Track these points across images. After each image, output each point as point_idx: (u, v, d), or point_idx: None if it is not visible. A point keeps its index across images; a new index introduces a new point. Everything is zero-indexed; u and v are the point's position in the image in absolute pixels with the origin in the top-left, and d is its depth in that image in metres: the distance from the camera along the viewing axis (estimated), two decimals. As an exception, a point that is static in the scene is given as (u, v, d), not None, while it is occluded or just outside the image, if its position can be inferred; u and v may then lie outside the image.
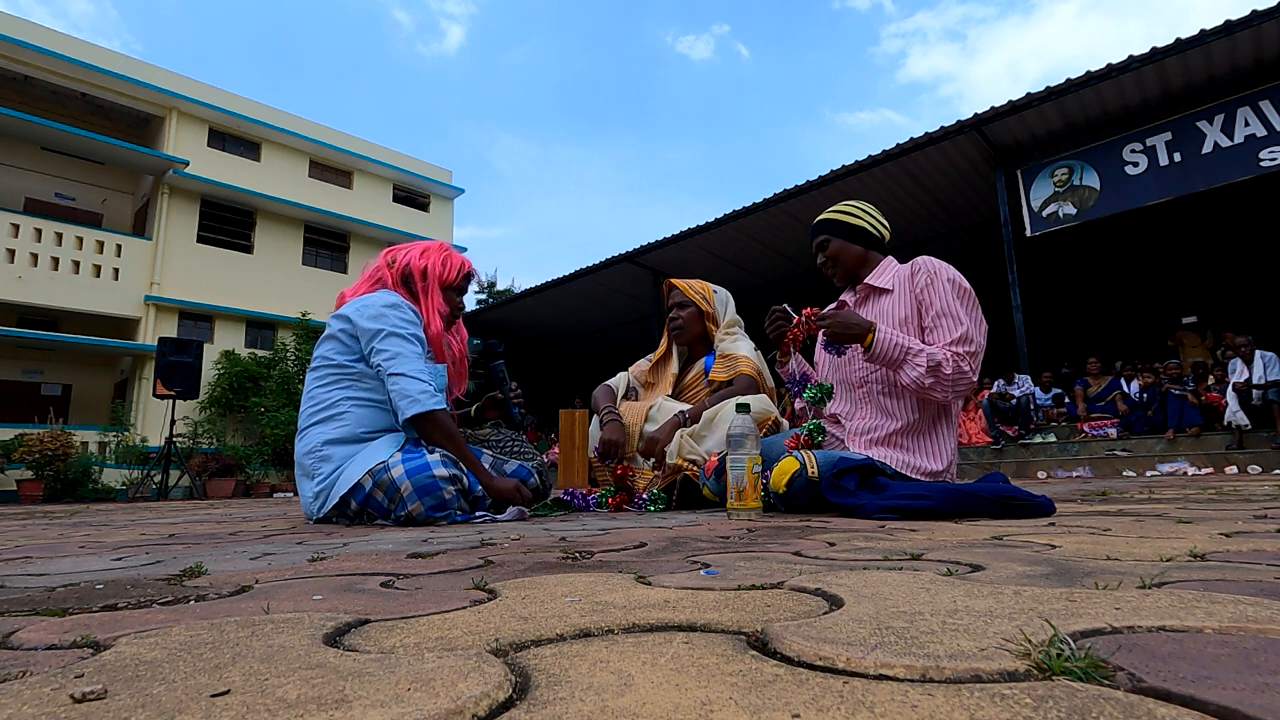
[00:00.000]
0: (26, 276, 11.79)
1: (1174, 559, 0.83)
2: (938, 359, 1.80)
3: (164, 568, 1.01)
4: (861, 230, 2.10)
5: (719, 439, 2.30)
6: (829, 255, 2.12)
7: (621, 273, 11.45)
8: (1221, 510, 1.60)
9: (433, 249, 2.23)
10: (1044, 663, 0.39)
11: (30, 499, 8.73)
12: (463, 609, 0.63)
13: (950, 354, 1.81)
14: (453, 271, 2.20)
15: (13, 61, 12.29)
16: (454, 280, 2.20)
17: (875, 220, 2.13)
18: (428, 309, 2.13)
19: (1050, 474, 6.58)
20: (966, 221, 9.71)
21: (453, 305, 2.23)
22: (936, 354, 1.81)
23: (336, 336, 2.03)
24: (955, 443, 1.98)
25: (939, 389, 1.82)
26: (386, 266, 2.18)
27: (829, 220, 2.13)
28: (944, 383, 1.81)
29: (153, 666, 0.45)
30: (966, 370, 1.81)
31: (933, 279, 1.93)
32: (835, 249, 2.11)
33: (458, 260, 2.24)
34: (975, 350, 1.84)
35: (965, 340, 1.83)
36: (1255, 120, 6.32)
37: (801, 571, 0.80)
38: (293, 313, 14.45)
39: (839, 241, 2.11)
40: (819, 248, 2.15)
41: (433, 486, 1.83)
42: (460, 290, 2.25)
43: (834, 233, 2.11)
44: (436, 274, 2.16)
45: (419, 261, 2.17)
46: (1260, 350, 6.29)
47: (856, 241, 2.10)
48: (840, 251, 2.11)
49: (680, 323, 2.70)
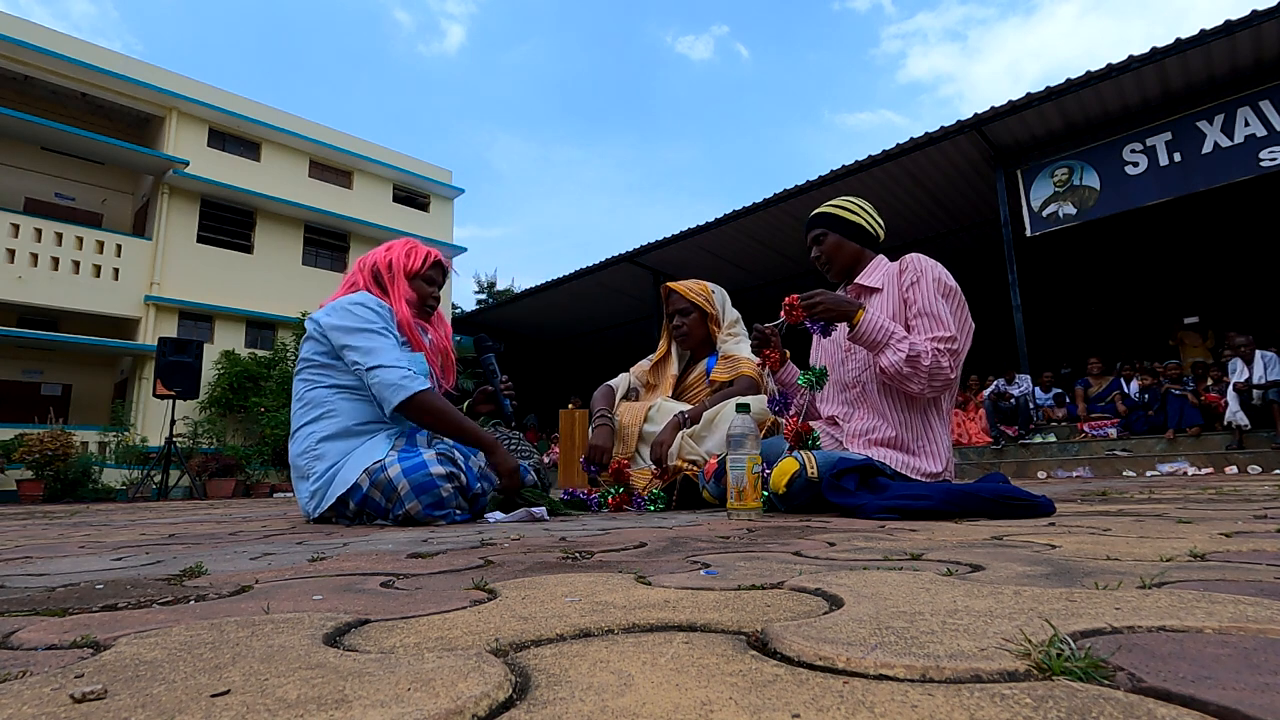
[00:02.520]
0: (26, 276, 11.78)
1: (1174, 559, 0.83)
2: (919, 349, 1.80)
3: (164, 568, 1.01)
4: (859, 227, 2.09)
5: (719, 439, 2.30)
6: (824, 250, 2.11)
7: (621, 273, 11.46)
8: (1221, 510, 1.60)
9: (398, 244, 2.26)
10: (1044, 663, 0.39)
11: (30, 499, 8.73)
12: (463, 609, 0.63)
13: (931, 348, 1.81)
14: (417, 261, 2.21)
15: (13, 61, 12.28)
16: (419, 269, 2.21)
17: (872, 218, 2.12)
18: (395, 298, 2.14)
19: (1050, 474, 6.58)
20: (966, 221, 9.72)
21: (422, 293, 2.22)
22: (919, 344, 1.81)
23: (314, 337, 2.04)
24: (949, 442, 1.98)
25: (915, 380, 1.81)
26: (359, 270, 2.21)
27: (826, 214, 2.11)
28: (920, 374, 1.80)
29: (153, 666, 0.45)
30: (945, 366, 1.81)
31: (919, 277, 1.92)
32: (831, 244, 2.09)
33: (423, 250, 2.26)
34: (956, 349, 1.83)
35: (947, 337, 1.83)
36: (1255, 120, 6.33)
37: (801, 571, 0.80)
38: (293, 313, 14.44)
39: (835, 236, 2.09)
40: (814, 241, 2.13)
41: (430, 485, 1.83)
42: (430, 280, 2.25)
43: (831, 227, 2.10)
44: (401, 265, 2.19)
45: (384, 257, 2.21)
46: (1260, 350, 6.29)
47: (852, 238, 2.09)
48: (836, 247, 2.09)
49: (685, 329, 2.68)
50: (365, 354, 1.93)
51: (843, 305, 1.85)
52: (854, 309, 1.84)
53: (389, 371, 1.90)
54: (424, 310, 2.25)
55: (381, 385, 1.90)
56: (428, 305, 2.26)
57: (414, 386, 1.90)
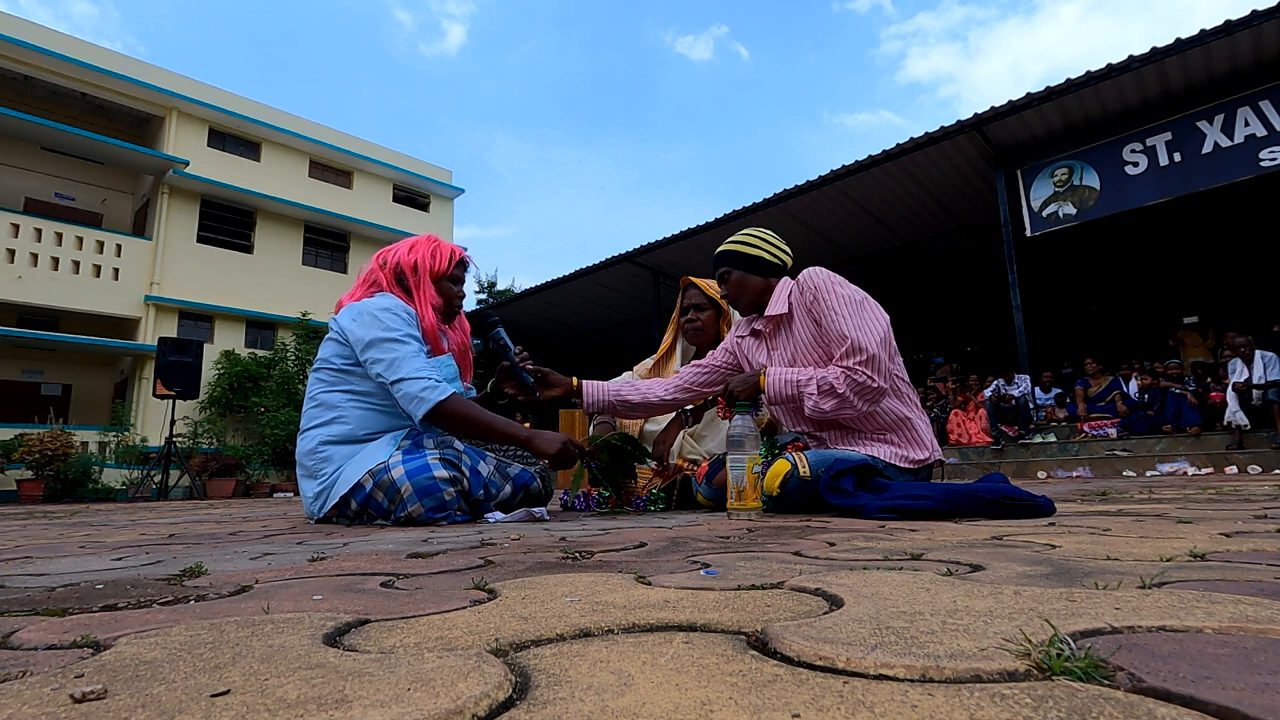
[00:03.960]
0: (26, 276, 11.78)
1: (1174, 559, 0.83)
2: (829, 381, 1.81)
3: (164, 568, 1.01)
4: (757, 260, 2.08)
5: (719, 439, 2.31)
6: (729, 288, 2.12)
7: (621, 273, 11.45)
8: (1221, 510, 1.60)
9: (421, 242, 2.19)
10: (1044, 663, 0.39)
11: (30, 499, 8.73)
12: (463, 609, 0.63)
13: (840, 371, 1.82)
14: (443, 261, 2.15)
15: (13, 61, 12.28)
16: (446, 270, 2.16)
17: (773, 247, 2.11)
18: (420, 303, 2.09)
19: (1050, 474, 6.58)
20: (966, 221, 9.71)
21: (448, 296, 2.17)
22: (827, 375, 1.82)
23: (336, 339, 2.02)
24: (926, 426, 1.98)
25: (846, 406, 1.83)
26: (379, 268, 2.15)
27: (726, 252, 2.11)
28: (846, 400, 1.81)
29: (153, 666, 0.45)
30: (864, 380, 1.81)
31: (816, 294, 1.93)
32: (735, 281, 2.10)
33: (447, 249, 2.19)
34: (868, 357, 1.81)
35: (854, 351, 1.82)
36: (1255, 120, 6.32)
37: (801, 571, 0.80)
38: (293, 313, 14.44)
39: (738, 274, 2.09)
40: (720, 279, 2.14)
41: (433, 488, 1.83)
42: (455, 280, 2.20)
43: (733, 264, 2.10)
44: (427, 266, 2.12)
45: (408, 257, 2.14)
46: (1260, 350, 6.29)
47: (755, 271, 2.08)
48: (740, 284, 2.10)
49: (699, 324, 2.69)
50: (389, 366, 1.90)
51: (748, 381, 1.93)
52: (758, 380, 1.90)
53: (411, 384, 1.88)
54: (449, 313, 2.19)
55: (406, 399, 1.89)
56: (453, 307, 2.21)
57: (435, 397, 1.87)
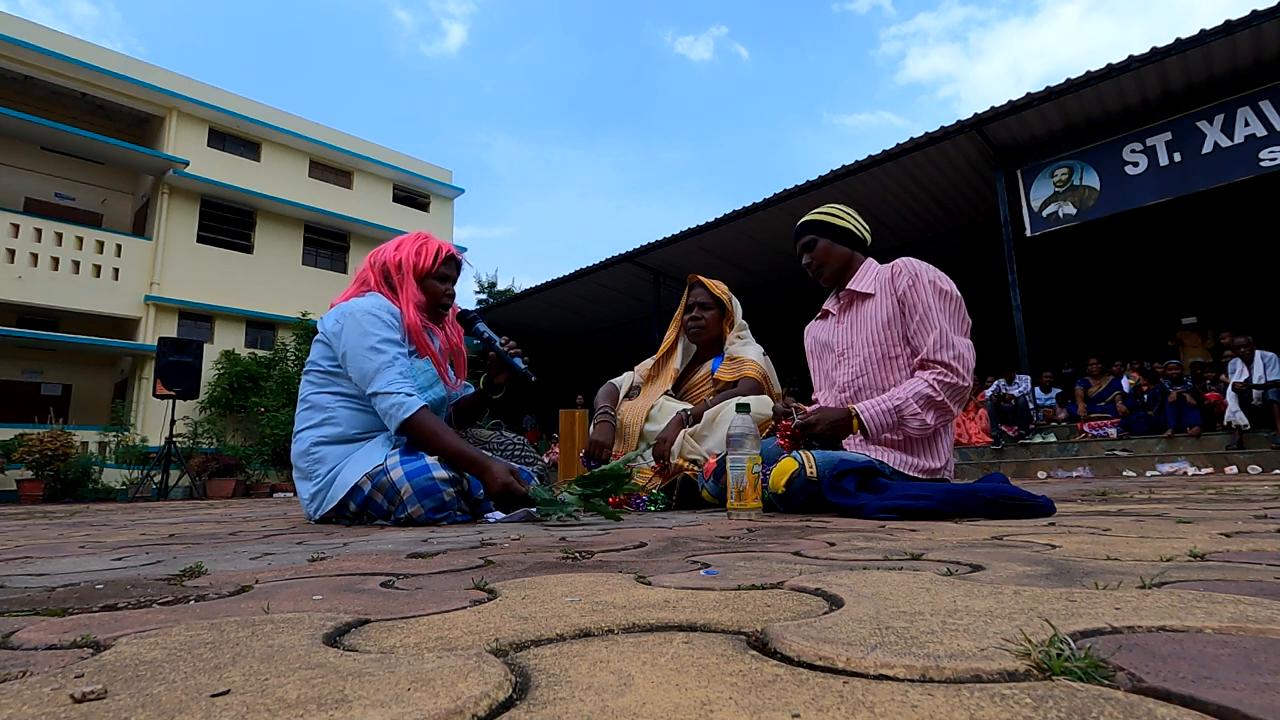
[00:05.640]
0: (26, 276, 11.78)
1: (1174, 559, 0.83)
2: (924, 393, 1.82)
3: (164, 568, 1.01)
4: (847, 231, 2.11)
5: (720, 439, 2.30)
6: (815, 256, 2.13)
7: (621, 273, 11.45)
8: (1221, 510, 1.60)
9: (408, 240, 2.16)
10: (1044, 663, 0.39)
11: (30, 499, 8.73)
12: (463, 609, 0.63)
13: (932, 378, 1.83)
14: (428, 258, 2.12)
15: (13, 61, 12.28)
16: (430, 267, 2.12)
17: (858, 223, 2.15)
18: (403, 301, 2.06)
19: (1050, 474, 6.58)
20: (966, 221, 9.71)
21: (433, 293, 2.13)
22: (920, 388, 1.83)
23: (324, 341, 2.02)
24: (950, 440, 1.99)
25: (947, 411, 1.85)
26: (370, 267, 2.14)
27: (815, 221, 2.14)
28: (943, 407, 1.83)
29: (153, 666, 0.45)
30: (955, 381, 1.83)
31: (915, 281, 1.93)
32: (822, 250, 2.12)
33: (434, 246, 2.15)
34: (958, 354, 1.84)
35: (946, 345, 1.83)
36: (1255, 120, 6.32)
37: (801, 571, 0.80)
38: (293, 313, 14.45)
39: (825, 242, 2.12)
40: (805, 248, 2.15)
41: (433, 489, 1.83)
42: (443, 277, 2.16)
43: (820, 233, 2.12)
44: (411, 265, 2.10)
45: (394, 255, 2.12)
46: (1260, 350, 6.29)
47: (841, 243, 2.11)
48: (826, 252, 2.11)
49: (703, 322, 2.70)
50: (364, 378, 1.91)
51: (837, 422, 1.89)
52: (848, 418, 1.87)
53: (382, 399, 1.89)
54: (437, 311, 2.16)
55: (383, 415, 1.91)
56: (441, 305, 2.17)
57: (400, 415, 1.87)
